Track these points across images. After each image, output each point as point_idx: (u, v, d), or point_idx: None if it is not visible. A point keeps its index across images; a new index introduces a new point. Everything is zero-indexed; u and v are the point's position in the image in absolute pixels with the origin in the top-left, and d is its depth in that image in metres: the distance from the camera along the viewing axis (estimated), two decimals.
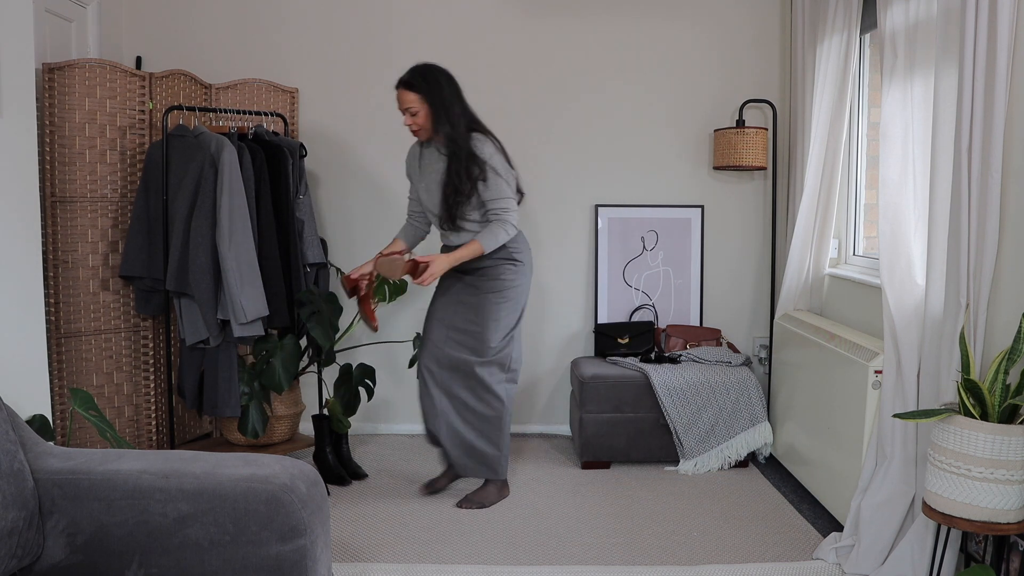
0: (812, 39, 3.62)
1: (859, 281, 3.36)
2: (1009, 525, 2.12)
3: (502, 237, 3.12)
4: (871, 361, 2.85)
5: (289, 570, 1.83)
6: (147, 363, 3.64)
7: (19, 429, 1.95)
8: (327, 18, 4.09)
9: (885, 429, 2.68)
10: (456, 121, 3.10)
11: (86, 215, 3.42)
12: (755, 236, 4.21)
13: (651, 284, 4.19)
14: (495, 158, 3.12)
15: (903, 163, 2.77)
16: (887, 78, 2.82)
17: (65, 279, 3.38)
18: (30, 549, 1.81)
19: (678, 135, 4.16)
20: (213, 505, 1.83)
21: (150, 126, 3.58)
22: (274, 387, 3.42)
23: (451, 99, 3.12)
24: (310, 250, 3.64)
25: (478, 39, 4.10)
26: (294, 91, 4.02)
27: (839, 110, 3.47)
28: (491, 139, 3.16)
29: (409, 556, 2.85)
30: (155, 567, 1.84)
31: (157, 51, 4.05)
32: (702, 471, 3.69)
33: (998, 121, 2.26)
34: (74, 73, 3.33)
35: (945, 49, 2.45)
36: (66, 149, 3.34)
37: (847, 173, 3.67)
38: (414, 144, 3.35)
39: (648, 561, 2.82)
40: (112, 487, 1.86)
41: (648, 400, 3.70)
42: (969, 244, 2.34)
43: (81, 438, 3.39)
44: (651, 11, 4.10)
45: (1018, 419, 2.16)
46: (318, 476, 1.96)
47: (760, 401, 3.71)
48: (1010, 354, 2.14)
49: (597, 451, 3.73)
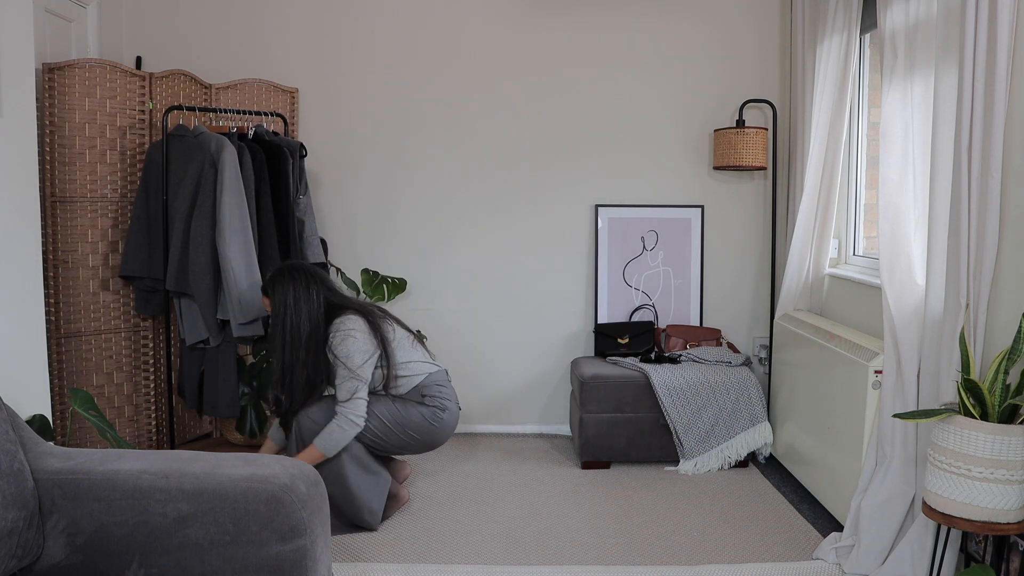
0: (812, 39, 3.62)
1: (859, 281, 3.36)
2: (1009, 525, 2.12)
3: (339, 437, 2.87)
4: (871, 361, 2.85)
5: (289, 570, 1.83)
6: (147, 363, 3.64)
7: (19, 429, 1.95)
8: (327, 18, 4.09)
9: (885, 429, 2.68)
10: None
11: (86, 215, 3.42)
12: (755, 236, 4.21)
13: (651, 284, 4.19)
14: (343, 344, 2.91)
15: (903, 163, 2.77)
16: (887, 78, 2.82)
17: (65, 279, 3.38)
18: (30, 549, 1.81)
19: (678, 135, 4.16)
20: (213, 505, 1.83)
21: (150, 126, 3.58)
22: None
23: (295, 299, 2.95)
24: (310, 250, 3.64)
25: (478, 38, 4.10)
26: (294, 91, 4.02)
27: (839, 110, 3.47)
28: (350, 316, 2.96)
29: (409, 556, 2.85)
30: (155, 567, 1.84)
31: (157, 51, 4.05)
32: (702, 471, 3.69)
33: (998, 121, 2.26)
34: (74, 73, 3.33)
35: (945, 49, 2.45)
36: (66, 149, 3.34)
37: (847, 173, 3.67)
38: None
39: (648, 561, 2.82)
40: (112, 487, 1.86)
41: (648, 400, 3.70)
42: (969, 244, 2.34)
43: (81, 438, 3.39)
44: (651, 11, 4.10)
45: (1018, 419, 2.16)
46: (318, 476, 1.96)
47: (760, 401, 3.71)
48: (1010, 354, 2.14)
49: (597, 451, 3.73)
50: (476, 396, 4.25)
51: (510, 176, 4.16)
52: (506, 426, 4.27)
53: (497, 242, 4.18)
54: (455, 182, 4.15)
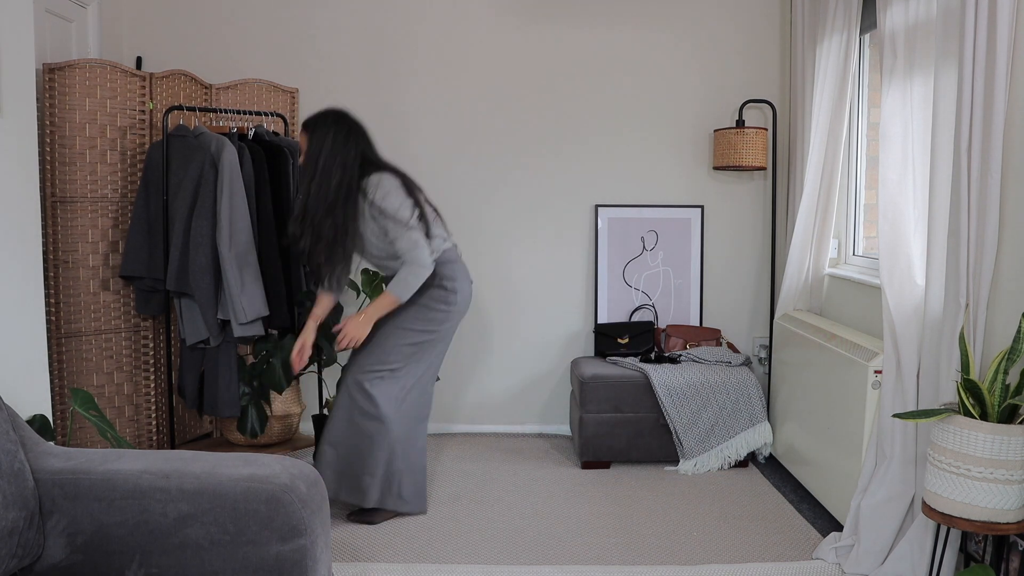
0: (812, 39, 3.62)
1: (859, 281, 3.36)
2: (1009, 525, 2.12)
3: (414, 282, 2.94)
4: (871, 361, 2.85)
5: (289, 570, 1.83)
6: (147, 363, 3.64)
7: (19, 429, 1.95)
8: (327, 18, 4.10)
9: (885, 429, 2.68)
10: (338, 169, 2.93)
11: (86, 215, 3.42)
12: (755, 236, 4.21)
13: (651, 284, 4.19)
14: (387, 199, 2.92)
15: (903, 163, 2.77)
16: (887, 78, 2.82)
17: (65, 279, 3.38)
18: (30, 549, 1.81)
19: (678, 135, 4.16)
20: (213, 505, 1.83)
21: (150, 126, 3.58)
22: (274, 387, 3.42)
23: (336, 146, 2.94)
24: None
25: (478, 39, 4.10)
26: (294, 91, 4.03)
27: (839, 110, 3.47)
28: (387, 175, 2.97)
29: (409, 556, 2.85)
30: (155, 567, 1.84)
31: (157, 51, 4.05)
32: (702, 471, 3.69)
33: (998, 121, 2.26)
34: (74, 73, 3.33)
35: (944, 49, 2.45)
36: (66, 149, 3.34)
37: (847, 173, 3.67)
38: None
39: (648, 561, 2.82)
40: (112, 487, 1.86)
41: (648, 400, 3.70)
42: (969, 244, 2.34)
43: (81, 438, 3.39)
44: (651, 11, 4.10)
45: (1018, 419, 2.16)
46: (318, 476, 1.96)
47: (760, 401, 3.71)
48: (1010, 354, 2.14)
49: (597, 451, 3.73)
50: (476, 396, 4.25)
51: (510, 176, 4.16)
52: (506, 426, 4.27)
53: (497, 242, 4.18)
54: (455, 182, 4.15)
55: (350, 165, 2.95)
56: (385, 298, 2.95)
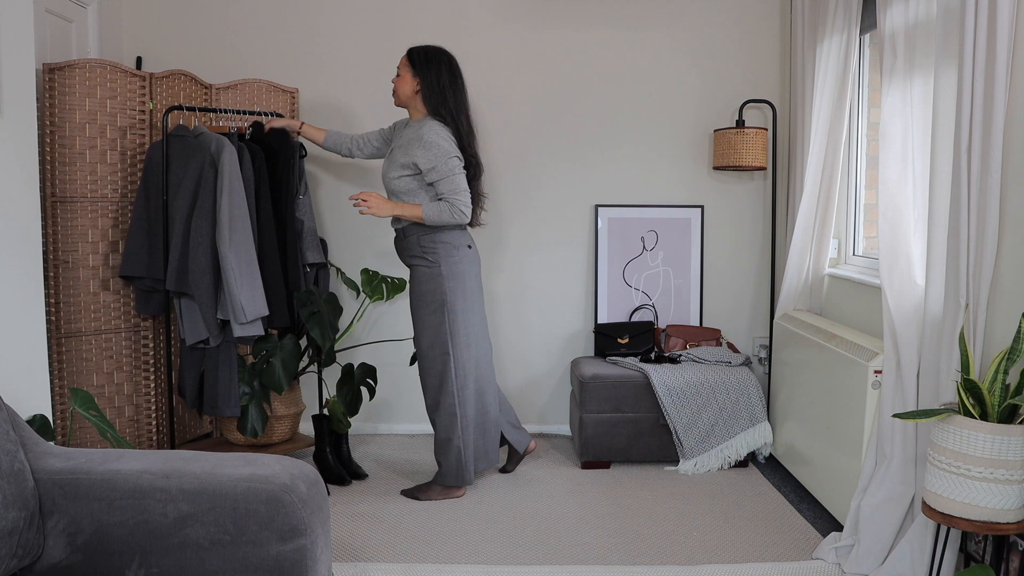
0: (812, 39, 3.62)
1: (859, 281, 3.36)
2: (1009, 525, 2.12)
3: (446, 217, 3.18)
4: (871, 361, 2.85)
5: (289, 570, 1.83)
6: (147, 363, 3.64)
7: (19, 429, 1.95)
8: (327, 18, 4.10)
9: (885, 429, 2.68)
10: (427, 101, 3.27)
11: (86, 215, 3.42)
12: (755, 236, 4.21)
13: (651, 284, 4.19)
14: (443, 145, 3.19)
15: (903, 163, 2.77)
16: (887, 78, 2.82)
17: (65, 279, 3.38)
18: (30, 549, 1.81)
19: (678, 135, 4.16)
20: (213, 505, 1.84)
21: (150, 126, 3.58)
22: (274, 387, 3.42)
23: (436, 82, 3.27)
24: (310, 250, 3.65)
25: (478, 38, 4.10)
26: (294, 91, 4.02)
27: (839, 110, 3.47)
28: (450, 127, 3.25)
29: (409, 556, 2.85)
30: (155, 567, 1.84)
31: (157, 51, 4.05)
32: (702, 471, 3.69)
33: (998, 121, 2.26)
34: (74, 73, 3.33)
35: (945, 49, 2.46)
36: (66, 149, 3.34)
37: (847, 173, 3.67)
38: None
39: (648, 561, 2.82)
40: (112, 487, 1.86)
41: (648, 400, 3.71)
42: (969, 244, 2.34)
43: (81, 438, 3.39)
44: (651, 11, 4.10)
45: (1018, 419, 2.16)
46: (318, 476, 1.96)
47: (760, 401, 3.71)
48: (1010, 354, 2.14)
49: (597, 451, 3.73)
50: None
51: (510, 176, 4.16)
52: None
53: (497, 242, 4.18)
54: None
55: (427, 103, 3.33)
56: (414, 207, 3.20)
